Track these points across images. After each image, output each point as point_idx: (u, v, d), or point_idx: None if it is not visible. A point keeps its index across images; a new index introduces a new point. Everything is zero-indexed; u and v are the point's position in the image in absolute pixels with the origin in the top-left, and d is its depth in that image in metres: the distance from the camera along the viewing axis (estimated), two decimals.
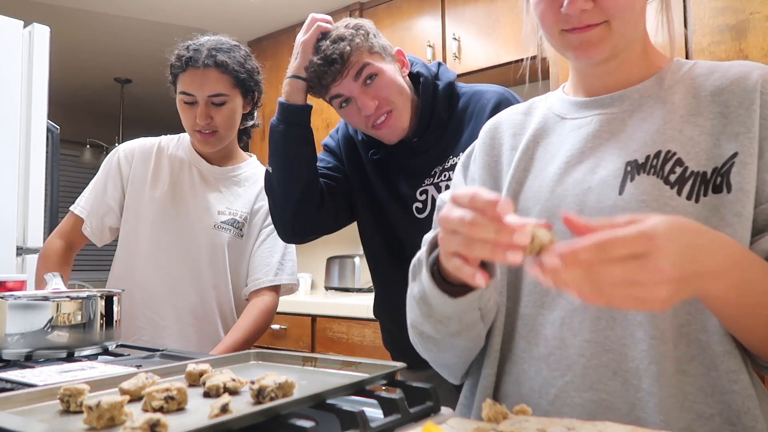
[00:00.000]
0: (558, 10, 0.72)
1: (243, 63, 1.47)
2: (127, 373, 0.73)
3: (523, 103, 0.91)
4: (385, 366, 0.74)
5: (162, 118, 5.55)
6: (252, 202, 1.58)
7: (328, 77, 1.16)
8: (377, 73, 1.17)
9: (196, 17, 3.45)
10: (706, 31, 2.08)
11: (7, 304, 0.99)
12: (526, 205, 0.77)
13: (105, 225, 1.57)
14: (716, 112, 0.70)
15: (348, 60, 1.15)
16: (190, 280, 1.49)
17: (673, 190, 0.67)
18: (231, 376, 0.68)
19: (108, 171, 1.59)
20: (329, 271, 3.26)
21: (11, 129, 2.27)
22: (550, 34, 0.76)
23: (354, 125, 1.26)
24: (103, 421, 0.55)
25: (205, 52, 1.41)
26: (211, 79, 1.42)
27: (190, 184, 1.55)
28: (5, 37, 2.28)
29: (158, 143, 1.61)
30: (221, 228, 1.52)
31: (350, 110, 1.20)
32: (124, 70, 4.35)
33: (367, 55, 1.17)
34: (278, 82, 1.39)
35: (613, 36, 0.72)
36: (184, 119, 1.49)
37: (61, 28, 3.29)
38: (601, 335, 0.67)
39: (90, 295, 1.05)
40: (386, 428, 0.58)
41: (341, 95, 1.19)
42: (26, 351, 0.98)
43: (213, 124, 1.46)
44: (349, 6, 3.16)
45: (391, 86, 1.18)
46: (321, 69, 1.16)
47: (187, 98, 1.45)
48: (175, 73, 1.47)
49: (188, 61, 1.41)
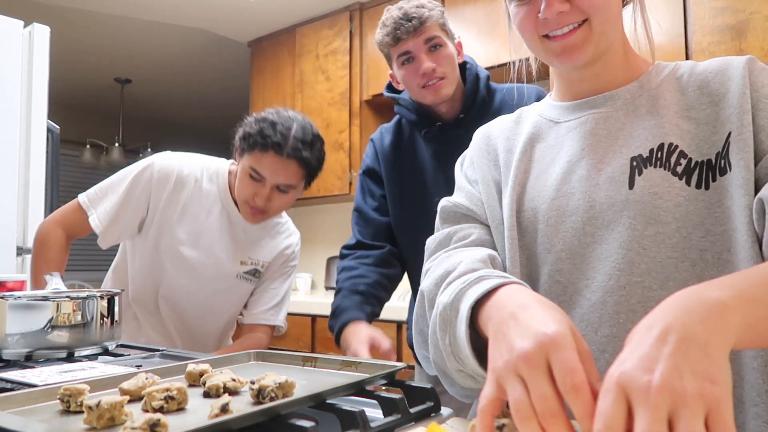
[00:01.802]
0: (536, 16, 0.73)
1: (320, 157, 1.42)
2: (127, 373, 0.73)
3: (512, 114, 0.91)
4: (385, 366, 0.74)
5: (162, 118, 5.56)
6: (276, 252, 1.57)
7: (403, 31, 1.34)
8: (442, 45, 1.36)
9: (196, 17, 3.45)
10: (706, 31, 2.08)
11: (7, 304, 0.99)
12: (532, 205, 0.77)
13: (118, 239, 1.50)
14: (707, 102, 0.71)
15: (424, 23, 1.34)
16: (199, 315, 1.52)
17: (682, 180, 0.68)
18: (231, 376, 0.68)
19: (137, 190, 1.45)
20: (329, 271, 3.26)
21: (11, 129, 2.27)
22: (531, 42, 0.77)
23: (406, 84, 1.41)
24: (103, 421, 0.55)
25: (291, 141, 1.35)
26: (289, 171, 1.37)
27: (218, 229, 1.49)
28: (5, 37, 2.28)
29: (195, 176, 1.48)
30: (242, 278, 1.53)
31: (410, 68, 1.37)
32: (124, 70, 4.35)
33: (438, 29, 1.36)
34: (278, 82, 1.40)
35: (594, 36, 0.72)
36: (242, 189, 1.41)
37: (61, 28, 3.29)
38: (622, 329, 0.67)
39: (90, 295, 1.05)
40: (386, 428, 0.58)
41: (408, 52, 1.36)
42: (26, 351, 0.98)
43: (270, 206, 1.42)
44: (349, 6, 3.16)
45: (450, 59, 1.37)
46: (399, 21, 1.34)
47: (255, 175, 1.37)
48: (251, 145, 1.37)
49: (274, 146, 1.34)
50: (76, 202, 1.48)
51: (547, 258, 0.74)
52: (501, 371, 0.50)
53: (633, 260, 0.68)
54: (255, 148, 1.36)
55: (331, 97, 3.21)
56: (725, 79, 0.70)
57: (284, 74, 3.48)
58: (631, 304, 0.67)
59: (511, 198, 0.78)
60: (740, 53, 2.00)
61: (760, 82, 0.68)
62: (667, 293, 0.65)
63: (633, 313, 0.67)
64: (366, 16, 3.14)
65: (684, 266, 0.66)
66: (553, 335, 0.48)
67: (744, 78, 0.69)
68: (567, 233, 0.72)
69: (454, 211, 0.85)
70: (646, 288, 0.67)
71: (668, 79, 0.76)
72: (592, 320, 0.69)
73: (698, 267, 0.66)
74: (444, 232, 0.83)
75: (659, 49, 2.17)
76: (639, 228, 0.68)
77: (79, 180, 5.13)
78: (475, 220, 0.83)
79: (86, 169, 5.14)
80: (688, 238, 0.66)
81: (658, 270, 0.67)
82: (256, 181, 1.38)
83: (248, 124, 1.40)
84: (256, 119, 1.40)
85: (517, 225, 0.77)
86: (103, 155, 4.95)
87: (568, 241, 0.72)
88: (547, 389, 0.46)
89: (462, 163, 0.92)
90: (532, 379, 0.47)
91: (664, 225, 0.67)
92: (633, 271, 0.68)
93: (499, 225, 0.80)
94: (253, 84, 3.66)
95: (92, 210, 1.46)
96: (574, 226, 0.72)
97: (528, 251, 0.77)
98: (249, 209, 1.42)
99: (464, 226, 0.82)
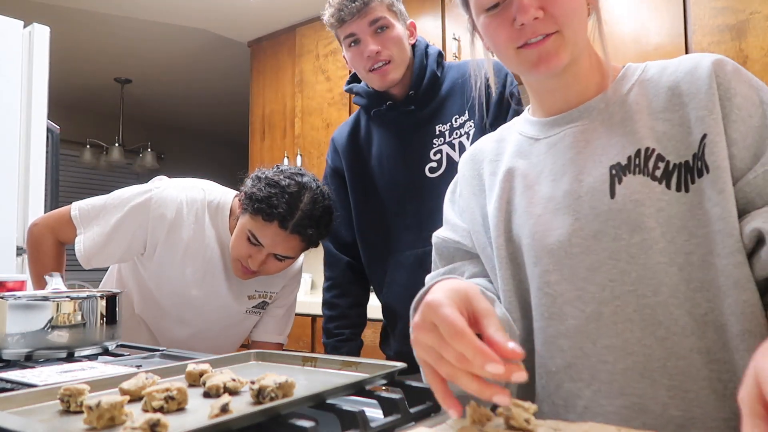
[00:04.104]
0: (510, 26, 0.73)
1: (325, 233, 1.35)
2: (127, 373, 0.73)
3: (494, 132, 0.92)
4: (385, 366, 0.74)
5: (162, 118, 5.56)
6: (285, 279, 1.53)
7: (346, 12, 1.32)
8: (389, 26, 1.34)
9: (196, 17, 3.45)
10: (706, 31, 2.08)
11: (7, 304, 0.99)
12: (519, 222, 0.78)
13: (101, 265, 1.41)
14: (679, 103, 0.71)
15: (368, 4, 1.32)
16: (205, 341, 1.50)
17: (662, 184, 0.68)
18: (231, 376, 0.68)
19: (131, 225, 1.36)
20: None
21: (11, 129, 2.27)
22: (505, 54, 0.76)
23: (354, 67, 1.41)
24: (103, 421, 0.55)
25: (298, 216, 1.27)
26: (289, 245, 1.30)
27: (224, 267, 1.42)
28: (5, 37, 2.28)
29: (195, 211, 1.39)
30: (251, 312, 1.50)
31: (356, 51, 1.36)
32: (124, 70, 4.35)
33: (385, 10, 1.34)
34: (278, 82, 1.40)
35: (567, 44, 0.73)
36: (237, 247, 1.32)
37: (61, 28, 3.29)
38: (621, 339, 0.67)
39: (90, 295, 1.05)
40: (386, 428, 0.58)
41: (354, 34, 1.34)
42: (26, 351, 0.98)
43: (263, 269, 1.34)
44: None
45: (396, 41, 1.35)
46: (343, 2, 1.32)
47: (253, 239, 1.29)
48: (255, 210, 1.27)
49: (278, 217, 1.25)
50: (68, 215, 1.40)
51: (535, 271, 0.75)
52: (414, 344, 0.59)
53: (624, 270, 0.68)
54: (259, 215, 1.26)
55: (331, 97, 3.21)
56: (695, 79, 0.70)
57: (284, 74, 3.48)
58: (627, 313, 0.67)
59: (497, 219, 0.79)
60: (740, 53, 2.00)
61: (732, 89, 0.68)
62: (662, 299, 0.65)
63: (630, 323, 0.67)
64: None
65: (673, 270, 0.66)
66: (428, 302, 0.56)
67: (711, 80, 0.69)
68: (553, 246, 0.73)
69: (445, 246, 0.88)
70: (640, 296, 0.67)
71: (639, 83, 0.76)
72: (590, 331, 0.69)
73: (685, 271, 0.66)
74: (440, 272, 0.87)
75: (659, 49, 2.18)
76: (625, 237, 0.68)
77: (79, 180, 5.13)
78: (467, 252, 0.86)
79: (86, 169, 5.14)
80: (673, 243, 0.67)
81: (650, 276, 0.67)
82: (252, 244, 1.30)
83: (259, 182, 1.30)
84: (268, 181, 1.29)
85: (505, 244, 0.78)
86: (103, 155, 4.95)
87: (554, 253, 0.73)
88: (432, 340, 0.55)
89: (453, 192, 0.94)
90: (421, 338, 0.56)
91: (649, 231, 0.67)
92: (625, 281, 0.68)
93: (486, 248, 0.81)
94: (253, 84, 3.66)
95: (82, 230, 1.38)
96: (560, 239, 0.73)
97: (517, 268, 0.78)
98: (240, 267, 1.34)
99: (456, 266, 0.86)
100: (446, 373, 0.54)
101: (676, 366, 0.64)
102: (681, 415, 0.64)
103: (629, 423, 0.64)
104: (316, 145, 3.26)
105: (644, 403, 0.65)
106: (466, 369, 0.52)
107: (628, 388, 0.66)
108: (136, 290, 1.47)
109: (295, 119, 3.37)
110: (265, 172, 1.33)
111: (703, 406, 0.63)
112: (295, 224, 1.27)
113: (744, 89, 0.68)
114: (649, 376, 0.65)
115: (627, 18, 2.27)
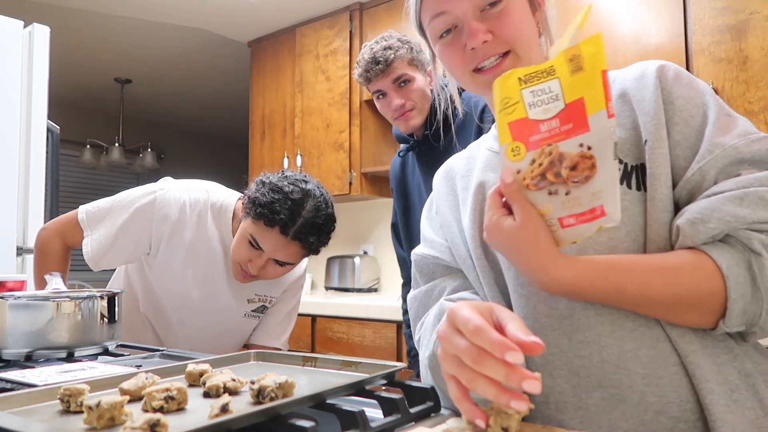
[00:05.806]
0: (463, 51, 0.77)
1: (326, 241, 1.35)
2: (127, 373, 0.73)
3: (465, 150, 0.95)
4: (385, 366, 0.74)
5: (162, 119, 5.56)
6: (285, 285, 1.54)
7: (372, 73, 1.55)
8: (410, 80, 1.56)
9: (196, 17, 3.45)
10: (706, 31, 2.08)
11: (7, 304, 0.99)
12: None
13: (109, 266, 1.43)
14: (630, 110, 0.74)
15: (390, 65, 1.53)
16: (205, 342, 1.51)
17: (623, 184, 0.70)
18: (231, 376, 0.68)
19: (137, 226, 1.38)
20: (329, 271, 3.26)
21: (11, 129, 2.27)
22: (462, 78, 0.80)
23: (383, 114, 1.65)
24: (103, 421, 0.55)
25: (299, 223, 1.27)
26: (290, 251, 1.31)
27: (225, 269, 1.43)
28: (5, 37, 2.28)
29: (198, 212, 1.40)
30: (250, 316, 1.51)
31: (383, 103, 1.60)
32: (124, 70, 4.35)
33: (406, 66, 1.55)
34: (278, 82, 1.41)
35: (522, 62, 0.76)
36: (237, 250, 1.33)
37: (61, 28, 3.29)
38: (594, 333, 0.69)
39: (90, 295, 1.05)
40: (386, 428, 0.58)
41: (380, 90, 1.58)
42: (26, 351, 0.98)
43: (263, 274, 1.35)
44: (349, 6, 3.16)
45: (418, 92, 1.57)
46: (368, 65, 1.55)
47: (254, 244, 1.30)
48: (257, 215, 1.27)
49: (280, 223, 1.26)
50: (75, 218, 1.42)
51: (509, 274, 0.77)
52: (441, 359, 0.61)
53: None
54: (261, 220, 1.27)
55: (331, 97, 3.21)
56: (641, 86, 0.73)
57: (284, 74, 3.48)
58: (597, 308, 0.69)
59: (473, 230, 0.81)
60: (740, 53, 2.00)
61: (675, 93, 0.71)
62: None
63: (600, 317, 0.69)
64: (366, 16, 3.14)
65: None
66: (452, 309, 0.60)
67: (656, 86, 0.71)
68: None
69: (425, 263, 0.90)
70: None
71: None
72: (564, 328, 0.71)
73: None
74: (422, 290, 0.88)
75: (659, 49, 2.18)
76: (592, 236, 0.69)
77: (79, 180, 5.13)
78: (446, 268, 0.88)
79: (86, 169, 5.14)
80: (637, 241, 0.69)
81: None
82: (253, 249, 1.30)
83: (263, 186, 1.31)
84: (271, 187, 1.29)
85: (483, 254, 0.80)
86: (103, 155, 4.95)
87: None
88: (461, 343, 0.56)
89: (429, 209, 0.96)
90: (449, 346, 0.58)
91: (615, 230, 0.69)
92: None
93: (467, 259, 0.83)
94: (253, 84, 3.66)
95: (89, 232, 1.40)
96: None
97: (498, 274, 0.80)
98: (240, 271, 1.35)
99: (437, 283, 0.87)
100: (466, 379, 0.56)
101: (647, 355, 0.66)
102: (657, 401, 0.65)
103: (610, 413, 0.66)
104: (316, 145, 3.26)
105: (622, 393, 0.67)
106: (483, 371, 0.54)
107: (605, 380, 0.67)
108: (141, 289, 1.48)
109: (295, 119, 3.37)
110: (270, 177, 1.33)
111: (677, 390, 0.65)
112: (297, 231, 1.27)
113: (685, 92, 0.71)
114: (624, 367, 0.67)
115: (627, 18, 2.27)
